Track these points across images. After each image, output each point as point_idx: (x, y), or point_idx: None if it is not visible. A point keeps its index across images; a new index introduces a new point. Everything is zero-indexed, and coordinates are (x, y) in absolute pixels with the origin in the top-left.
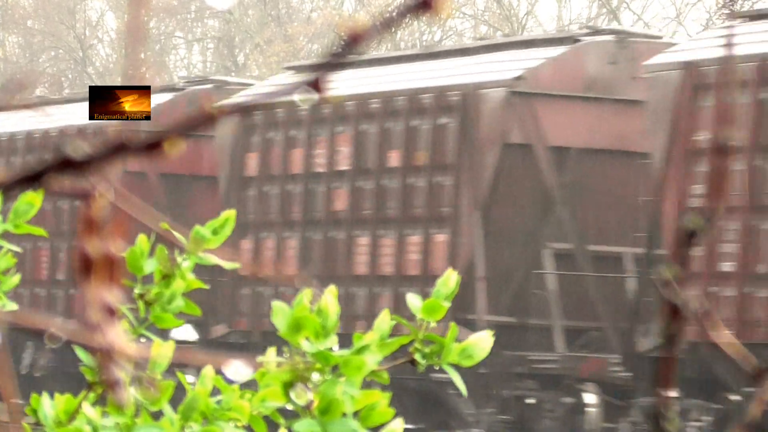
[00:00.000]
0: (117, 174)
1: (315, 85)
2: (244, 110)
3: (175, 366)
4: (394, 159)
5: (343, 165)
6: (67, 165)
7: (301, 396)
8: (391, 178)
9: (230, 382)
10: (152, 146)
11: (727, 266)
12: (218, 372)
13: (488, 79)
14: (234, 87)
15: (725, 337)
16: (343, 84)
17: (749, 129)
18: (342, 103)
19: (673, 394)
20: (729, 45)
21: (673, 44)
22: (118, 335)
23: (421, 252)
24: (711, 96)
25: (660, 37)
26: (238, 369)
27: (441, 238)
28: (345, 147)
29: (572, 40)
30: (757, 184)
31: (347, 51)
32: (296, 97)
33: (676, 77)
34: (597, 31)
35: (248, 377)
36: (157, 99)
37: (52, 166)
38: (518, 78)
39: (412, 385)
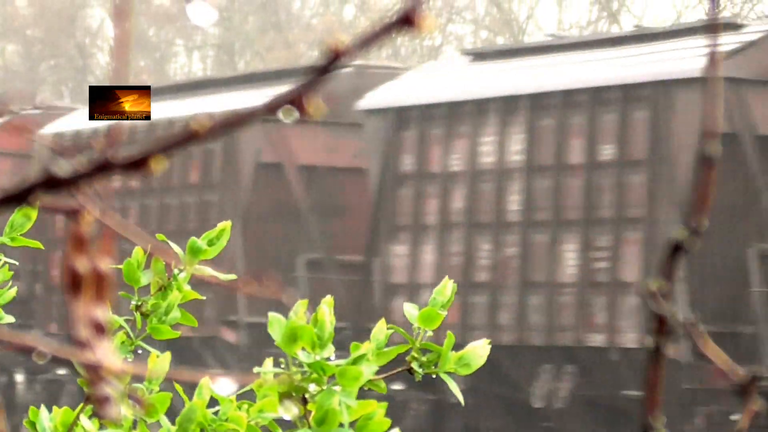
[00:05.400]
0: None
1: (297, 103)
2: (227, 129)
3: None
4: (575, 155)
5: (515, 162)
6: (52, 182)
7: (290, 410)
8: (572, 176)
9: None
10: (137, 163)
11: None
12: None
13: (682, 67)
14: (378, 71)
15: (713, 348)
16: (514, 74)
17: None
18: (514, 94)
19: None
20: None
21: None
22: (107, 352)
23: (610, 257)
24: None
25: None
26: (223, 384)
27: (632, 240)
28: (516, 142)
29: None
30: None
31: (329, 67)
32: (279, 114)
33: None
34: None
35: (233, 392)
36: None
37: (37, 184)
38: None
39: (595, 402)
